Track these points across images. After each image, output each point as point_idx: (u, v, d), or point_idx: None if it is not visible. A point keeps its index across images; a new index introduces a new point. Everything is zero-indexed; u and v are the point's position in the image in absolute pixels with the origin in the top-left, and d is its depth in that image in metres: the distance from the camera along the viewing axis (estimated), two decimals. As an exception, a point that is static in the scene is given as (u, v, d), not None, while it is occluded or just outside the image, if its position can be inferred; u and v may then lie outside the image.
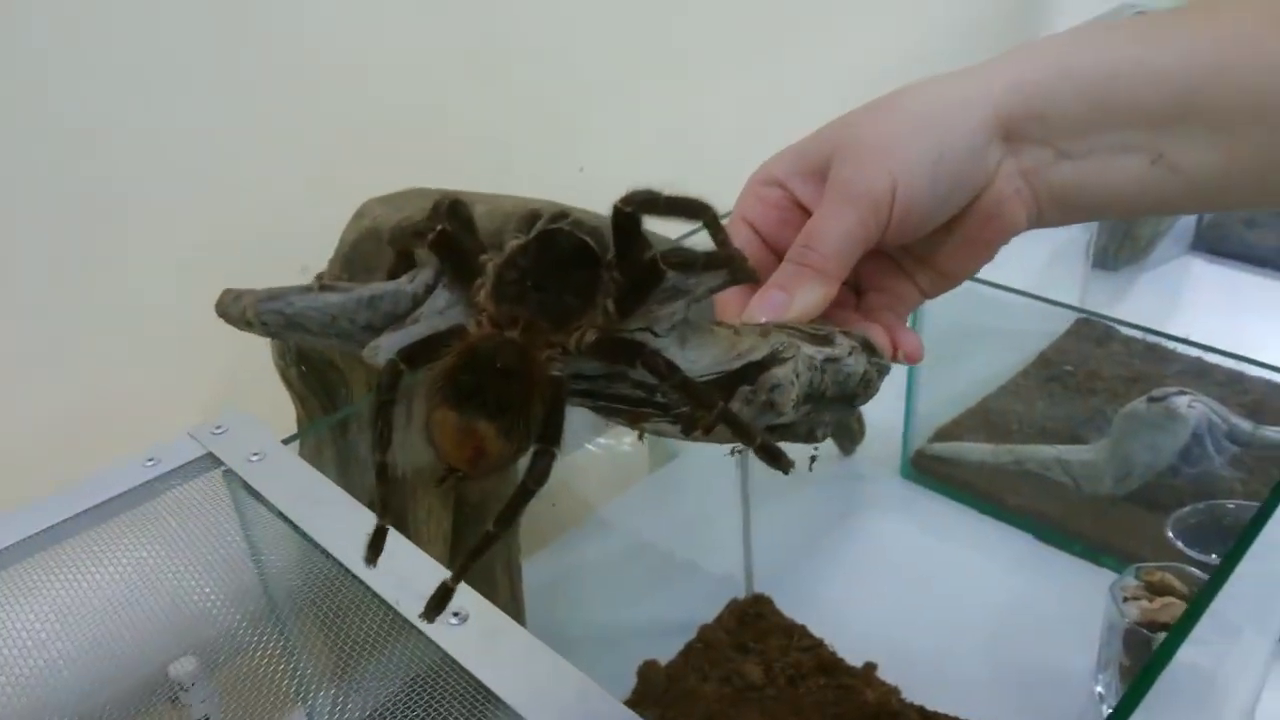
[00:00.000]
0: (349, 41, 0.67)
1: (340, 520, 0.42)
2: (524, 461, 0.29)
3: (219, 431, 0.46)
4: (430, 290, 0.31)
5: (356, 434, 0.56)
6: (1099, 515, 0.81)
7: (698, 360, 0.31)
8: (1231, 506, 0.77)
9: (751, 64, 0.98)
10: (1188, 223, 1.11)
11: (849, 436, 0.87)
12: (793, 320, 0.35)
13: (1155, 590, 0.68)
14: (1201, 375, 0.90)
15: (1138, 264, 1.09)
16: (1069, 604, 0.73)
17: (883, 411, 0.85)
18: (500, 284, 0.30)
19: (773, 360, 0.32)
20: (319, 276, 0.57)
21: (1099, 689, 0.68)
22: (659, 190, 0.31)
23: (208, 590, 0.54)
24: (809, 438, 0.35)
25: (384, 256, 0.48)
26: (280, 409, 0.60)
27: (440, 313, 0.31)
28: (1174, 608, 0.66)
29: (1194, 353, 0.88)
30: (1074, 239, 1.04)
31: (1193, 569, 0.69)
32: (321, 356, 0.56)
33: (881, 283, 0.40)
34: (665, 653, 0.70)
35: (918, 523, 0.83)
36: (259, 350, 0.59)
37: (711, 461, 0.88)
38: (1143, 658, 0.65)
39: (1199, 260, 1.10)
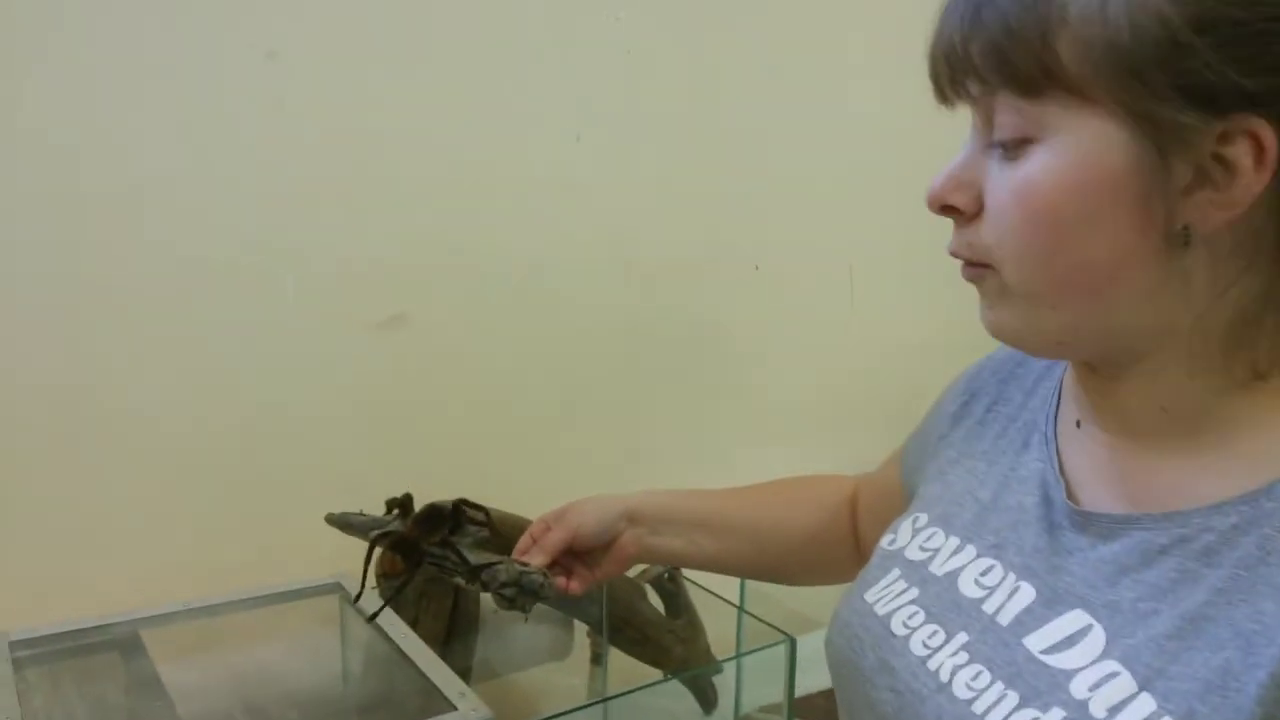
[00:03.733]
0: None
1: (401, 631, 1.00)
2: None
3: (343, 576, 1.08)
4: (392, 520, 0.93)
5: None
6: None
7: (475, 559, 0.90)
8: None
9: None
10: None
11: (708, 701, 1.38)
12: (530, 561, 0.93)
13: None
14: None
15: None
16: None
17: (729, 692, 1.36)
18: (414, 519, 0.91)
19: (499, 564, 0.90)
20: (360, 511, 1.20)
21: None
22: (469, 500, 0.92)
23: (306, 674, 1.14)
24: (516, 606, 0.92)
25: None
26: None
27: (394, 527, 0.92)
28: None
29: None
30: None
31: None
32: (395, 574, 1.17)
33: (576, 568, 0.92)
34: None
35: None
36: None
37: (624, 705, 1.40)
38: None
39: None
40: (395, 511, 0.93)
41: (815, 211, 1.62)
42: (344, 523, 0.94)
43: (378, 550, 0.91)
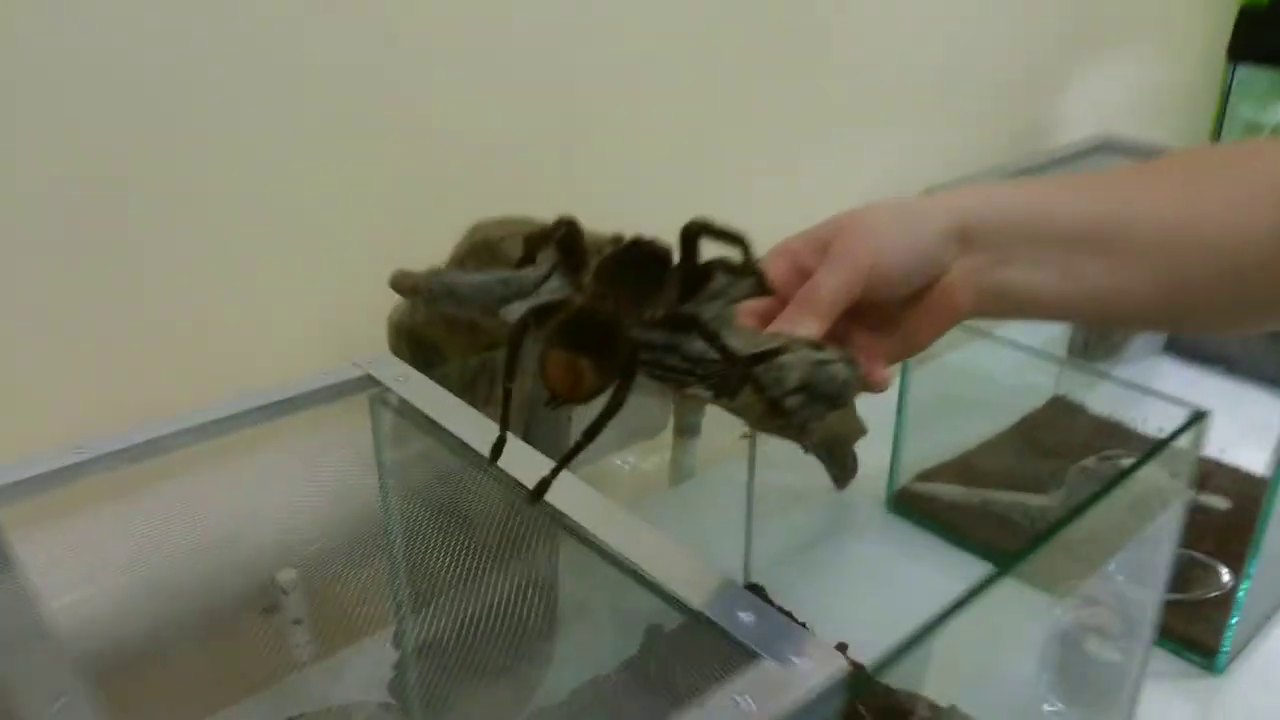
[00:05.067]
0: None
1: (473, 425, 0.55)
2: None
3: (372, 362, 0.61)
4: (545, 279, 0.45)
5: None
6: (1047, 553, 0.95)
7: (729, 344, 0.45)
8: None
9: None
10: (1162, 325, 1.26)
11: (843, 472, 1.00)
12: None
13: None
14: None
15: (1113, 359, 1.23)
16: (1014, 621, 0.87)
17: (874, 455, 0.98)
18: (600, 271, 0.44)
19: (783, 350, 0.45)
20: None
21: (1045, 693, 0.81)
22: (714, 221, 0.45)
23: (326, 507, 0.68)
24: (802, 432, 0.48)
25: (494, 260, 0.63)
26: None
27: (553, 292, 0.45)
28: (1100, 616, 0.80)
29: (1151, 430, 1.02)
30: (1058, 334, 1.19)
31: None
32: (425, 340, 0.71)
33: (862, 340, 0.51)
34: (670, 620, 0.83)
35: (894, 546, 0.96)
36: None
37: (721, 482, 1.01)
38: (1072, 657, 0.79)
39: (1168, 361, 1.25)
40: (550, 262, 0.45)
41: None
42: (446, 289, 0.46)
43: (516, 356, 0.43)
